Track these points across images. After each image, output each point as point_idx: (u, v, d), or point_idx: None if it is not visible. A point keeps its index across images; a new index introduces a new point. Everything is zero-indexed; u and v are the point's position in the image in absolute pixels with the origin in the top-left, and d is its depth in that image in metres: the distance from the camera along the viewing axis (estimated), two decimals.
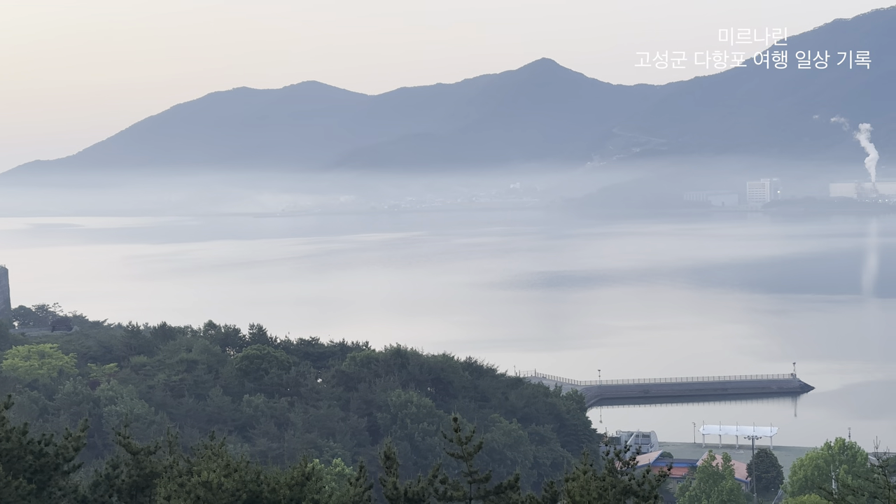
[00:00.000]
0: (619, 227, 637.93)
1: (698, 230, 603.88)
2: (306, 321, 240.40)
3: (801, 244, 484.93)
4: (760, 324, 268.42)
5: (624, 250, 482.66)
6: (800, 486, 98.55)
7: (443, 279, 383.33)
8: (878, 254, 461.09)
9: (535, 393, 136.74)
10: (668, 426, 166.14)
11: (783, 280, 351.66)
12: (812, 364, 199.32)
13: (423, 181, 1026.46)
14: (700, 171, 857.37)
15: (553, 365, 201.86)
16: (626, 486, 34.21)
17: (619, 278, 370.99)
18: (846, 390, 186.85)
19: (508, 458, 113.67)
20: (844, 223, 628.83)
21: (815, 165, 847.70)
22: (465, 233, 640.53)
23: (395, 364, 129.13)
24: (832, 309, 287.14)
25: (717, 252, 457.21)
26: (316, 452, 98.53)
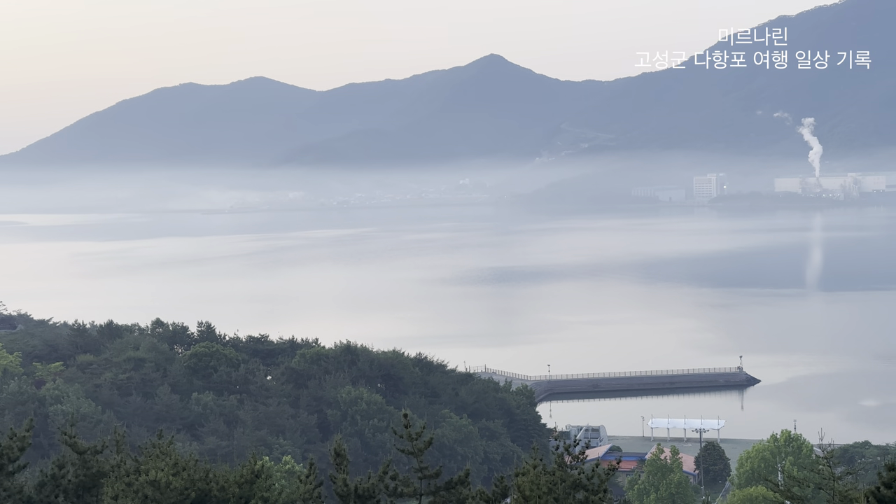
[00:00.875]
0: (568, 223, 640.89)
1: (646, 225, 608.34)
2: (256, 318, 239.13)
3: (747, 239, 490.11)
4: (708, 318, 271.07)
5: (573, 245, 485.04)
6: (746, 478, 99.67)
7: (393, 275, 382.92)
8: (822, 248, 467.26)
9: (485, 388, 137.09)
10: (617, 420, 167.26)
11: (730, 274, 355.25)
12: (758, 357, 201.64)
13: (372, 177, 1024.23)
14: (648, 167, 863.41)
15: (503, 360, 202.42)
16: (576, 480, 34.41)
17: (568, 273, 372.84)
18: (791, 383, 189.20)
19: (459, 453, 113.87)
20: (789, 218, 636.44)
21: (760, 161, 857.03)
22: (415, 229, 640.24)
23: (345, 361, 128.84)
24: (777, 302, 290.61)
25: (665, 247, 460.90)
26: (265, 450, 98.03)
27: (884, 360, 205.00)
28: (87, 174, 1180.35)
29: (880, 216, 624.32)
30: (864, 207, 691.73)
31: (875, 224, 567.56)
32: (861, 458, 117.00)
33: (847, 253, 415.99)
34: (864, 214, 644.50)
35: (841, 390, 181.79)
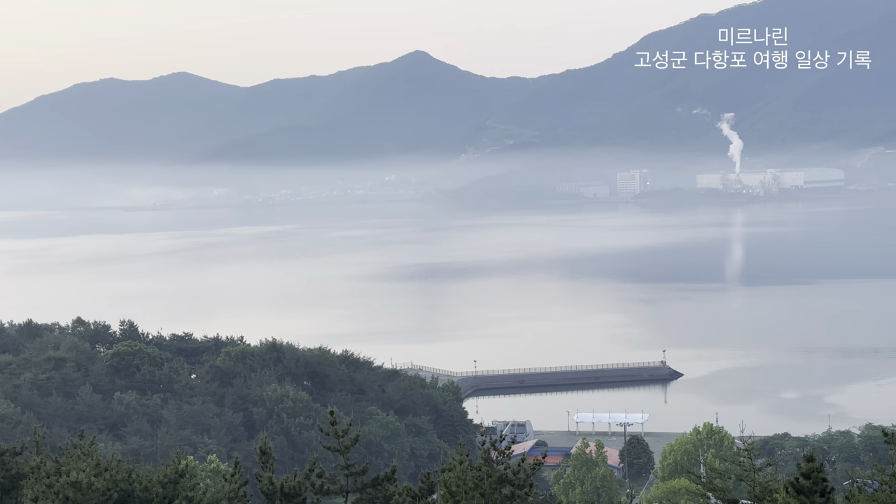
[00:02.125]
0: (493, 219, 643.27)
1: (571, 221, 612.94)
2: (179, 316, 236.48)
3: (670, 234, 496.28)
4: (631, 313, 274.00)
5: (499, 241, 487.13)
6: (670, 470, 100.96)
7: (319, 272, 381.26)
8: (743, 243, 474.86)
9: (412, 385, 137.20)
10: (542, 415, 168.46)
11: (653, 269, 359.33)
12: (681, 351, 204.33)
13: (297, 174, 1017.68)
14: (572, 163, 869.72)
15: (429, 356, 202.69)
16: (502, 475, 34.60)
17: (494, 269, 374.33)
18: (713, 376, 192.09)
19: (385, 450, 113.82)
20: (711, 213, 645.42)
21: (682, 157, 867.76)
22: (341, 225, 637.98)
23: (271, 358, 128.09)
24: (700, 297, 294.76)
25: (590, 242, 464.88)
26: (190, 449, 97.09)
27: (802, 354, 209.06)
28: (4, 171, 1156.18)
29: (798, 212, 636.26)
30: (783, 203, 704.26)
31: (793, 219, 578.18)
32: (781, 450, 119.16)
33: (767, 248, 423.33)
34: (783, 210, 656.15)
35: (761, 383, 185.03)
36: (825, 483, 31.57)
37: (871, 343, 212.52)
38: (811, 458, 31.98)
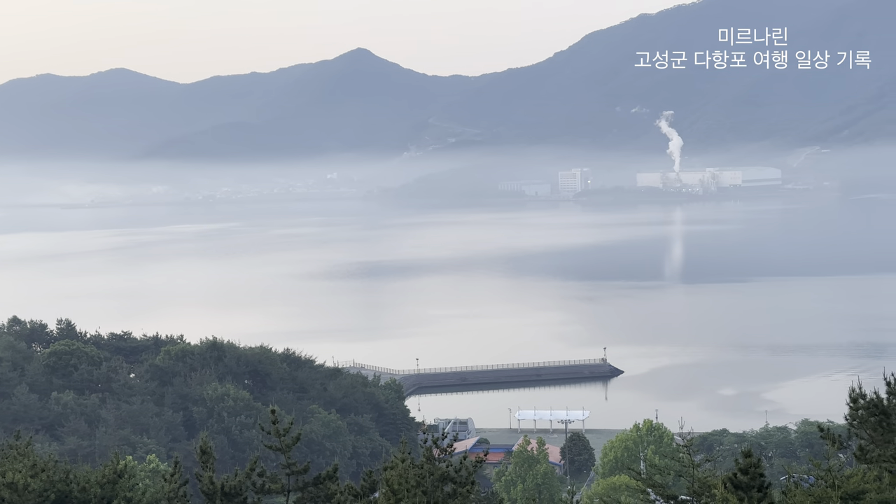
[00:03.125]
0: (436, 217, 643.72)
1: (513, 219, 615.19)
2: (118, 315, 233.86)
3: (611, 232, 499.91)
4: (573, 310, 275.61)
5: (441, 240, 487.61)
6: (610, 467, 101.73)
7: (260, 270, 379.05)
8: (682, 241, 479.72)
9: (354, 383, 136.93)
10: (484, 413, 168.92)
11: (594, 267, 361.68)
12: (621, 349, 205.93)
13: (238, 171, 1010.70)
14: (514, 162, 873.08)
15: (371, 355, 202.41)
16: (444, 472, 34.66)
17: (436, 267, 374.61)
18: (653, 374, 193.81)
19: (327, 448, 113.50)
20: (651, 212, 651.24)
21: (622, 156, 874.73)
22: (283, 223, 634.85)
23: (212, 357, 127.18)
24: (640, 295, 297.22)
25: (532, 240, 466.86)
26: (129, 449, 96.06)
27: (741, 350, 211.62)
28: None
29: (737, 210, 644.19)
30: (722, 202, 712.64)
31: (732, 218, 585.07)
32: (719, 446, 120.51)
33: (706, 246, 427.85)
34: (722, 208, 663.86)
35: (700, 380, 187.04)
36: (762, 478, 31.98)
37: (808, 340, 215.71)
38: (749, 453, 32.38)
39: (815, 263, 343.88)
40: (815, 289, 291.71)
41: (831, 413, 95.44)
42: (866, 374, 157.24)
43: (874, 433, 39.06)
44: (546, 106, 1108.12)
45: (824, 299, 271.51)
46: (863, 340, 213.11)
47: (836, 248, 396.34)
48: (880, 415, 39.14)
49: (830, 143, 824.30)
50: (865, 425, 39.52)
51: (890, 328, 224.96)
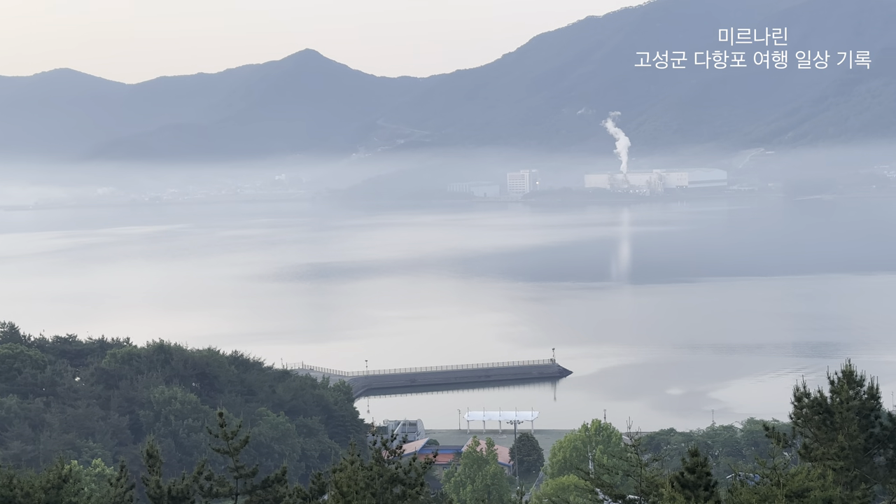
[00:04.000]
0: (385, 218, 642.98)
1: (462, 220, 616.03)
2: (63, 318, 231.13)
3: (559, 233, 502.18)
4: (522, 311, 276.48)
5: (390, 241, 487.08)
6: (559, 467, 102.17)
7: (208, 272, 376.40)
8: (630, 242, 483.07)
9: (303, 385, 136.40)
10: (434, 414, 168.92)
11: (543, 268, 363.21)
12: (570, 349, 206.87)
13: (185, 173, 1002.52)
14: (463, 163, 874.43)
15: (320, 356, 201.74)
16: (393, 474, 34.64)
17: (385, 269, 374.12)
18: (602, 374, 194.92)
19: (276, 451, 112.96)
20: (599, 213, 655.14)
21: (570, 157, 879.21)
22: (231, 225, 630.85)
23: (158, 360, 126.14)
24: (588, 296, 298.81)
25: (481, 242, 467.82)
26: (74, 453, 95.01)
27: (687, 350, 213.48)
28: None
29: (683, 211, 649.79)
30: (669, 203, 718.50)
31: (678, 219, 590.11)
32: (667, 445, 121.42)
33: (653, 247, 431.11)
34: (669, 209, 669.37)
35: (648, 380, 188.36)
36: (709, 477, 32.31)
37: (754, 339, 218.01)
38: (695, 452, 32.70)
39: (761, 264, 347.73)
40: (760, 289, 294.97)
41: (776, 412, 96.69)
42: (810, 373, 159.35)
43: (818, 431, 39.60)
44: (494, 107, 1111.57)
45: (769, 299, 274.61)
46: (807, 340, 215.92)
47: (780, 248, 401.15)
48: (824, 413, 39.68)
49: (775, 145, 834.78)
50: (809, 424, 40.06)
51: (833, 328, 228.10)
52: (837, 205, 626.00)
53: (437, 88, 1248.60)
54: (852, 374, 40.42)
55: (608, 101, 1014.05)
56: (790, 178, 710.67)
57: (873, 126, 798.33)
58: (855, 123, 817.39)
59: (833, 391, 40.17)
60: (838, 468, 37.87)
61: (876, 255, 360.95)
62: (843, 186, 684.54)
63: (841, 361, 41.73)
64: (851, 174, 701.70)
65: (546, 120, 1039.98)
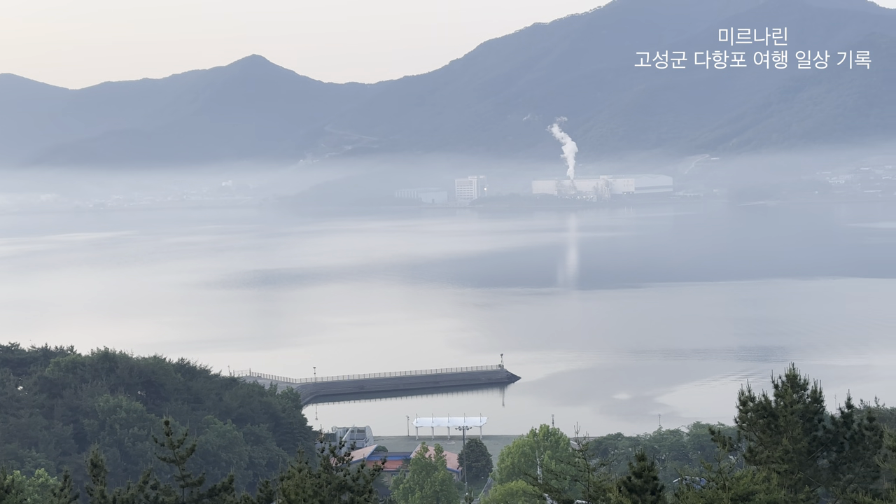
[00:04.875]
0: (333, 225, 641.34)
1: (410, 226, 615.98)
2: (5, 326, 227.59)
3: (507, 239, 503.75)
4: (470, 317, 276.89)
5: (338, 247, 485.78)
6: (507, 472, 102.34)
7: (154, 279, 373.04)
8: (577, 248, 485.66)
9: (250, 393, 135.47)
10: (382, 420, 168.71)
11: (491, 274, 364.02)
12: (518, 355, 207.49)
13: (130, 179, 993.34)
14: (411, 169, 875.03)
15: (268, 364, 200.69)
16: (342, 481, 34.53)
17: (333, 275, 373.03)
18: (550, 379, 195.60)
19: (223, 459, 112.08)
20: (546, 219, 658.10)
21: (518, 164, 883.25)
22: (177, 231, 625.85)
23: (103, 368, 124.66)
24: (536, 301, 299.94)
25: (429, 248, 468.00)
26: (17, 464, 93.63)
27: (635, 355, 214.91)
28: None
29: (630, 217, 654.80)
30: (615, 209, 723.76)
31: (625, 224, 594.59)
32: (614, 450, 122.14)
33: (600, 252, 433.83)
34: (615, 215, 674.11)
35: (596, 385, 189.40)
36: (656, 481, 32.52)
37: (699, 344, 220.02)
38: (642, 457, 32.90)
39: (706, 269, 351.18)
40: (706, 294, 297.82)
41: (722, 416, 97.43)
42: (755, 377, 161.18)
43: (763, 435, 40.02)
44: (442, 114, 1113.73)
45: (715, 304, 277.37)
46: (752, 344, 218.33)
47: (725, 254, 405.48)
48: (768, 417, 40.10)
49: (720, 152, 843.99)
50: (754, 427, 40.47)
51: (777, 332, 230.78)
52: (781, 210, 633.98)
53: (385, 94, 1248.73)
54: (796, 377, 40.89)
55: (555, 107, 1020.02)
56: (735, 184, 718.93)
57: (815, 133, 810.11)
58: (797, 130, 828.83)
59: (777, 395, 40.61)
60: (783, 471, 38.30)
61: (818, 261, 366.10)
62: (786, 192, 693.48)
63: (785, 365, 42.20)
64: (794, 180, 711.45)
65: (494, 126, 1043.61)
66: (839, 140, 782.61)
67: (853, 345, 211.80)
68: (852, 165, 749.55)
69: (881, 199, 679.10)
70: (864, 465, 39.13)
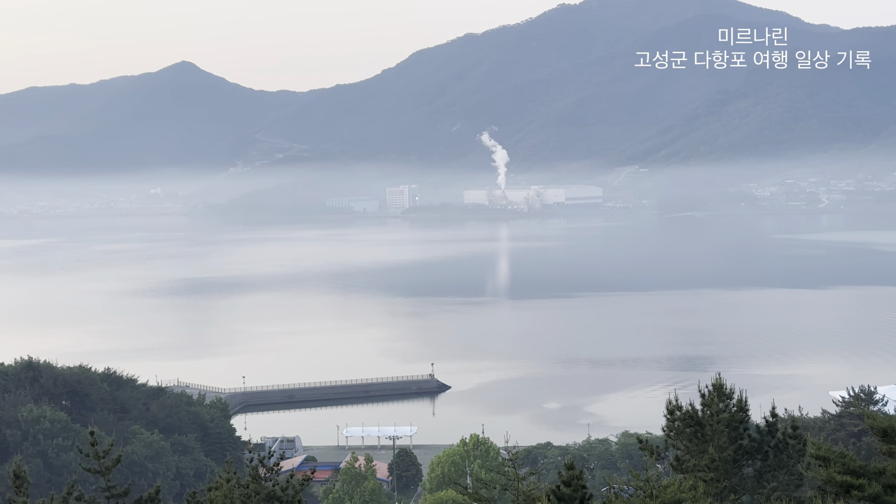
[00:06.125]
0: (263, 233, 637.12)
1: (341, 235, 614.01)
2: None
3: (439, 249, 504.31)
4: (401, 326, 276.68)
5: (269, 256, 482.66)
6: (437, 482, 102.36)
7: (80, 287, 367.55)
8: (508, 257, 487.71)
9: (178, 402, 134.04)
10: (312, 430, 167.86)
11: (422, 283, 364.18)
12: (449, 364, 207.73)
13: (56, 186, 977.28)
14: (342, 178, 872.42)
15: (196, 373, 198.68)
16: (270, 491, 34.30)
17: (264, 284, 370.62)
18: (480, 388, 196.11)
19: (150, 470, 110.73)
20: (477, 228, 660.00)
21: (450, 173, 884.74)
22: (104, 239, 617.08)
23: (27, 378, 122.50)
24: (467, 310, 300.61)
25: (360, 257, 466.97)
26: None
27: (564, 365, 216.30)
28: None
29: (560, 227, 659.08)
30: (546, 219, 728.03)
31: (555, 235, 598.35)
32: (543, 459, 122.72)
33: (531, 262, 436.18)
34: (546, 225, 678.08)
35: (526, 394, 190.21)
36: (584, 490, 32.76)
37: (628, 353, 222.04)
38: (571, 466, 33.14)
39: (635, 279, 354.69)
40: (635, 304, 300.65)
41: (650, 425, 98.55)
42: (682, 386, 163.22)
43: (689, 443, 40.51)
44: (374, 123, 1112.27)
45: (644, 314, 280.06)
46: (679, 354, 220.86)
47: (654, 264, 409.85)
48: (695, 426, 40.61)
49: (648, 163, 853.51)
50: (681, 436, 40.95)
51: (704, 342, 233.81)
52: (708, 222, 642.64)
53: (317, 103, 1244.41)
54: (722, 387, 41.47)
55: (487, 117, 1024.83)
56: (663, 196, 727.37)
57: (742, 145, 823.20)
58: (724, 143, 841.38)
59: (704, 404, 41.15)
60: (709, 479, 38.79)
61: (744, 271, 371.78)
62: (713, 204, 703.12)
63: (711, 375, 42.76)
64: (721, 192, 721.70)
65: (426, 135, 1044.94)
66: (765, 153, 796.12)
67: (778, 355, 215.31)
68: (777, 178, 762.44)
69: (805, 211, 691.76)
70: (787, 473, 39.78)
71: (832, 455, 27.86)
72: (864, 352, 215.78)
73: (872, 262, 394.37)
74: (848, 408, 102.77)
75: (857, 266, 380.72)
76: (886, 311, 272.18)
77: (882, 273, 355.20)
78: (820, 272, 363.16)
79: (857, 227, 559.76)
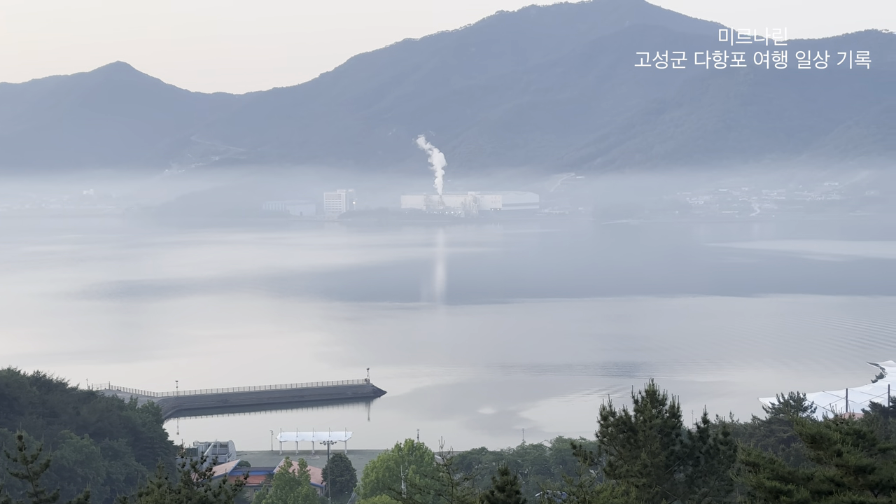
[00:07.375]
0: (198, 236, 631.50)
1: (278, 239, 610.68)
2: None
3: (375, 253, 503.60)
4: (337, 331, 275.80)
5: (204, 259, 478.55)
6: (372, 487, 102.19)
7: (9, 289, 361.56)
8: (445, 263, 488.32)
9: (109, 406, 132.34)
10: (246, 435, 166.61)
11: (359, 288, 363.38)
12: (384, 369, 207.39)
13: None
14: (279, 181, 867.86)
15: (128, 377, 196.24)
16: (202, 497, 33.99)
17: (198, 287, 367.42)
18: (415, 393, 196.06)
19: (79, 475, 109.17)
20: (415, 234, 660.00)
21: (387, 178, 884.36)
22: (35, 240, 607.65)
23: None
24: (403, 315, 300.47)
25: (296, 261, 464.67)
26: None
27: (499, 370, 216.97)
28: None
29: (497, 233, 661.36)
30: (483, 225, 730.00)
31: (492, 240, 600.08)
32: (478, 464, 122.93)
33: (467, 268, 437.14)
34: (483, 231, 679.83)
35: (461, 399, 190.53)
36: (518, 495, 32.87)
37: (563, 359, 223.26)
38: (505, 471, 33.23)
39: (571, 285, 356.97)
40: (570, 310, 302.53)
41: (584, 430, 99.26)
42: (616, 392, 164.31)
43: (623, 449, 40.83)
44: (311, 126, 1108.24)
45: (579, 320, 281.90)
46: (614, 360, 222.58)
47: (589, 271, 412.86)
48: (628, 431, 40.94)
49: (585, 171, 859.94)
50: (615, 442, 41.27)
51: (638, 348, 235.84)
52: (643, 229, 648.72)
53: (254, 105, 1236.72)
54: (655, 393, 41.87)
55: (424, 122, 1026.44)
56: (599, 203, 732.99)
57: (676, 154, 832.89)
58: (660, 151, 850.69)
59: (637, 410, 41.51)
60: (641, 485, 39.13)
61: (678, 279, 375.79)
62: (648, 211, 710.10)
63: (645, 381, 43.15)
64: (656, 200, 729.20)
65: (363, 140, 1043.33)
66: (699, 162, 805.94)
67: (710, 361, 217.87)
68: (711, 186, 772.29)
69: (737, 219, 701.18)
70: (718, 479, 40.25)
71: (762, 461, 28.25)
72: (794, 359, 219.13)
73: (802, 271, 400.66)
74: (778, 414, 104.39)
75: (787, 274, 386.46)
76: (816, 319, 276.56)
77: (812, 282, 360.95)
78: (751, 280, 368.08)
79: (787, 237, 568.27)
